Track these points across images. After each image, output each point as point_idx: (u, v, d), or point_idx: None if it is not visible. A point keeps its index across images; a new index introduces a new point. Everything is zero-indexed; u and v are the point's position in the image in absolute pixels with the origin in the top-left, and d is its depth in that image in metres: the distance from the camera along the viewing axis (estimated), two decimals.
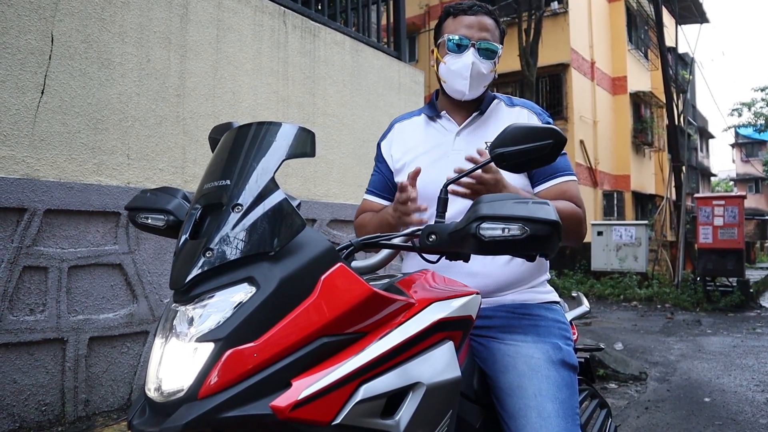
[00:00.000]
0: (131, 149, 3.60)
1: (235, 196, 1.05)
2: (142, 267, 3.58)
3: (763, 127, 28.58)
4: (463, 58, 1.70)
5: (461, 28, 1.72)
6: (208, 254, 1.00)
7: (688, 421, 4.32)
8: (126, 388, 3.51)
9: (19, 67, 3.11)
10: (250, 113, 4.42)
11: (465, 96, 1.75)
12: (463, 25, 1.73)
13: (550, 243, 1.05)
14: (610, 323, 9.09)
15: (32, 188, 3.12)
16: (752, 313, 10.33)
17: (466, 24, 1.72)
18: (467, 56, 1.70)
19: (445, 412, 1.17)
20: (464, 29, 1.72)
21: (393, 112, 5.91)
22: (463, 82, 1.72)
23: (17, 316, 3.05)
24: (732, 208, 10.95)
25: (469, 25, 1.72)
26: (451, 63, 1.73)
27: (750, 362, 6.33)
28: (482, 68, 1.71)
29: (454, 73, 1.73)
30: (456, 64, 1.72)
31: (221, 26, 4.24)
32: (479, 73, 1.71)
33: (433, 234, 1.17)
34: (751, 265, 21.00)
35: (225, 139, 1.22)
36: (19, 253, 3.07)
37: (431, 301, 1.20)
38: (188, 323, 0.99)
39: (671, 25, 18.04)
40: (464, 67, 1.70)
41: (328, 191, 5.11)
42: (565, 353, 1.57)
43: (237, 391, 0.92)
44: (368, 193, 1.92)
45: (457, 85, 1.74)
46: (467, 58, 1.70)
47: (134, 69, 3.64)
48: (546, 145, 1.25)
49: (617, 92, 19.34)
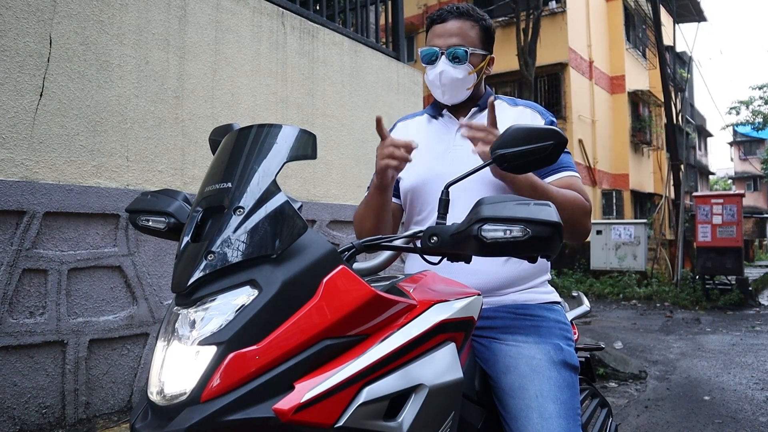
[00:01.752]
0: (130, 151, 3.60)
1: (237, 199, 1.05)
2: (141, 269, 3.58)
3: (761, 125, 28.61)
4: (436, 68, 1.74)
5: (434, 38, 1.76)
6: (210, 257, 1.00)
7: (688, 419, 4.33)
8: (126, 391, 3.51)
9: (17, 70, 3.10)
10: (248, 114, 4.42)
11: (446, 102, 1.80)
12: (435, 34, 1.76)
13: (552, 244, 1.06)
14: (610, 322, 9.10)
15: (31, 191, 3.11)
16: (751, 311, 10.34)
17: (437, 33, 1.76)
18: (438, 66, 1.73)
19: (447, 414, 1.17)
20: (435, 39, 1.75)
21: (392, 113, 5.91)
22: (437, 90, 1.77)
23: (17, 319, 3.05)
24: (730, 206, 10.96)
25: (439, 34, 1.75)
26: (428, 74, 1.77)
27: (749, 360, 6.34)
28: (455, 74, 1.72)
29: (431, 83, 1.78)
30: (430, 75, 1.76)
31: (220, 28, 4.24)
32: (453, 80, 1.73)
33: (434, 235, 1.17)
34: (749, 263, 21.04)
35: (226, 141, 1.21)
36: (19, 256, 3.06)
37: (433, 303, 1.20)
38: (190, 326, 0.99)
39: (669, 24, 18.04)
40: (436, 77, 1.74)
41: (327, 192, 5.11)
42: (566, 354, 1.58)
43: (240, 394, 0.93)
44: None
45: (436, 94, 1.79)
46: (438, 68, 1.73)
47: (133, 71, 3.64)
48: (547, 146, 1.25)
49: (615, 91, 19.37)
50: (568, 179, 1.70)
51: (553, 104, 16.26)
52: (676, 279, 12.23)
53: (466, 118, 1.81)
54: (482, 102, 1.82)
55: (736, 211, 10.93)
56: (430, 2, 17.88)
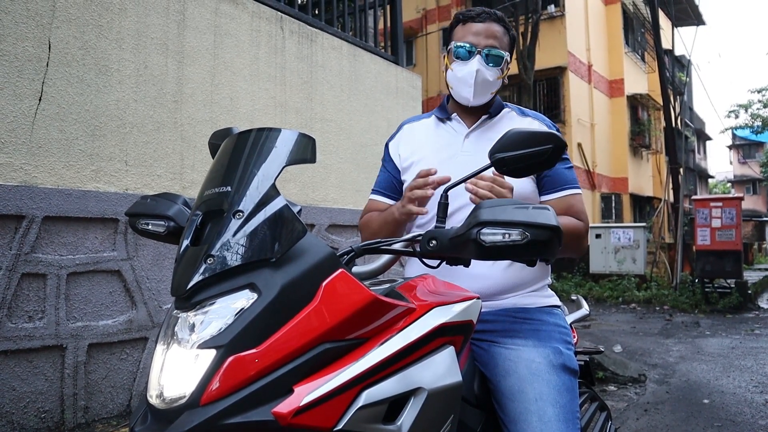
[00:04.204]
0: (129, 155, 3.60)
1: (236, 203, 1.05)
2: (140, 273, 3.58)
3: (760, 129, 28.65)
4: (469, 66, 1.72)
5: (469, 35, 1.74)
6: (210, 261, 1.00)
7: (687, 422, 4.32)
8: (125, 395, 3.50)
9: (16, 75, 3.11)
10: (247, 119, 4.42)
11: (470, 102, 1.78)
12: (471, 32, 1.74)
13: (551, 248, 1.06)
14: (609, 325, 9.09)
15: (30, 195, 3.12)
16: (750, 315, 10.34)
17: (473, 31, 1.74)
18: (473, 63, 1.72)
19: (446, 417, 1.18)
20: (472, 36, 1.74)
21: (390, 117, 5.92)
22: (468, 89, 1.75)
23: (16, 324, 3.05)
24: (730, 209, 10.96)
25: (477, 32, 1.74)
26: (458, 70, 1.75)
27: (749, 363, 6.33)
28: (488, 75, 1.73)
29: (460, 80, 1.75)
30: (462, 71, 1.74)
31: (218, 32, 4.25)
32: (484, 80, 1.73)
33: (433, 239, 1.17)
34: (749, 266, 21.03)
35: (225, 145, 1.22)
36: (18, 261, 3.06)
37: (432, 306, 1.21)
38: (190, 330, 1.00)
39: (668, 28, 18.08)
40: (469, 75, 1.72)
41: (326, 196, 5.12)
42: (565, 357, 1.58)
43: (239, 397, 0.93)
44: (374, 192, 1.92)
45: (463, 91, 1.76)
46: (472, 66, 1.72)
47: (132, 75, 3.64)
48: (546, 150, 1.25)
49: (614, 95, 19.39)
50: (567, 199, 1.71)
51: (552, 108, 16.28)
52: (676, 282, 12.22)
53: (476, 124, 1.81)
54: (493, 109, 1.82)
55: (735, 215, 10.93)
56: (429, 6, 17.92)
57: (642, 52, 21.52)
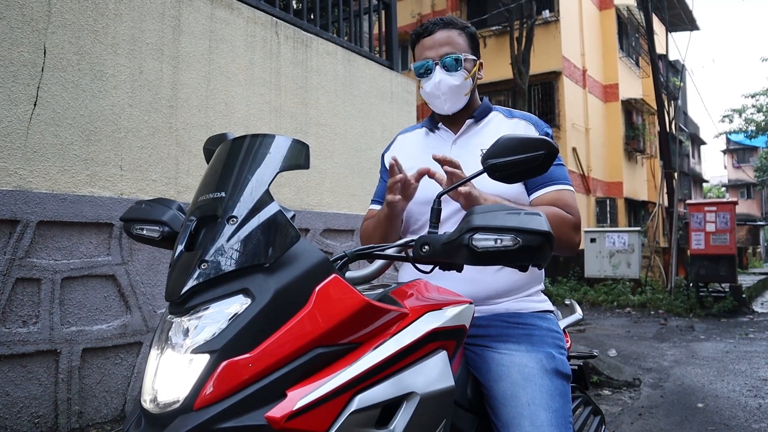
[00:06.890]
0: (124, 160, 3.60)
1: (230, 208, 1.06)
2: (135, 278, 3.58)
3: (754, 133, 28.81)
4: (432, 79, 1.77)
5: (424, 51, 1.79)
6: (204, 266, 1.01)
7: (681, 426, 4.34)
8: (120, 400, 3.49)
9: (11, 79, 3.11)
10: (242, 124, 4.43)
11: (447, 111, 1.82)
12: (425, 47, 1.80)
13: (542, 253, 1.07)
14: (604, 330, 9.11)
15: (25, 200, 3.11)
16: (745, 319, 10.38)
17: (426, 46, 1.79)
18: (435, 76, 1.76)
19: (439, 422, 1.18)
20: (426, 51, 1.79)
21: (385, 122, 5.93)
22: (438, 100, 1.80)
23: (10, 328, 3.04)
24: (724, 214, 11.01)
25: (430, 46, 1.78)
26: (425, 86, 1.80)
27: (743, 367, 6.35)
28: (452, 81, 1.76)
29: (429, 95, 1.80)
30: (428, 86, 1.79)
31: (213, 37, 4.25)
32: (451, 87, 1.76)
33: (426, 245, 1.18)
34: (743, 270, 21.10)
35: (219, 151, 1.22)
36: (12, 265, 3.06)
37: (425, 311, 1.21)
38: (184, 335, 1.00)
39: (662, 33, 18.20)
40: (435, 87, 1.77)
41: (321, 201, 5.12)
42: (558, 362, 1.58)
43: (232, 402, 0.93)
44: (373, 202, 1.97)
45: (436, 104, 1.82)
46: (435, 78, 1.76)
47: (127, 80, 3.65)
48: (538, 156, 1.26)
49: (609, 99, 19.47)
50: (554, 194, 1.71)
51: (547, 112, 16.33)
52: (670, 286, 12.26)
53: (462, 130, 1.83)
54: (477, 113, 1.84)
55: (730, 219, 10.98)
56: (424, 11, 17.96)
57: (636, 57, 21.62)
